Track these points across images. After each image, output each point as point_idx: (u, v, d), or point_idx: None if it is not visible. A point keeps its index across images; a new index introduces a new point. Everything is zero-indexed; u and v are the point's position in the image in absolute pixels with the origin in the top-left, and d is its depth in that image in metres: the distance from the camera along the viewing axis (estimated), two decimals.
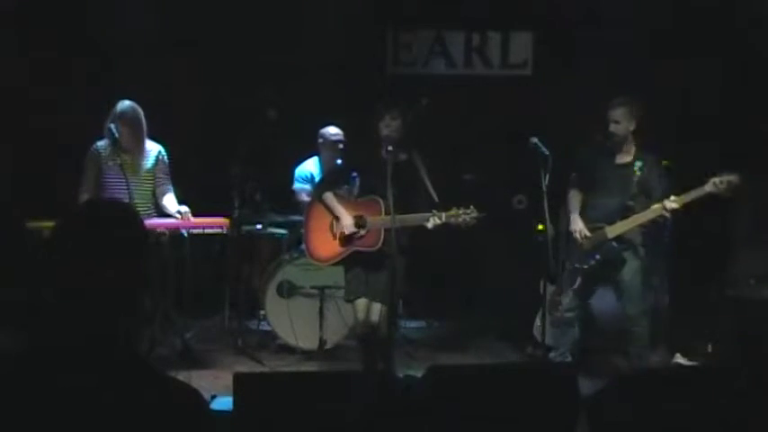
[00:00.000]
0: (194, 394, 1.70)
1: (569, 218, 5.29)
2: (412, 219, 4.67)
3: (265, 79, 6.71)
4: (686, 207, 4.87)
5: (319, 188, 5.05)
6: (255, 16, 6.77)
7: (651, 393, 2.96)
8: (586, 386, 3.34)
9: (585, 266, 5.21)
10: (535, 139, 4.78)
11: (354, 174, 5.05)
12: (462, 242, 6.59)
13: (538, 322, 5.65)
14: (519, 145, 4.89)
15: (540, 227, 4.83)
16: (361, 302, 4.82)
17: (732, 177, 4.75)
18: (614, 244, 5.11)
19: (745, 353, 5.16)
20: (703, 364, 5.53)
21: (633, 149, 5.14)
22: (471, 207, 4.66)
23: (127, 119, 5.12)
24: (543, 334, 4.95)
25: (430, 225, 4.66)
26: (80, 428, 1.57)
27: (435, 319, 6.88)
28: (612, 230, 5.08)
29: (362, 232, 4.76)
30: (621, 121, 5.06)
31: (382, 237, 4.68)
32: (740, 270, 6.09)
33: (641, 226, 5.09)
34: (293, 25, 6.77)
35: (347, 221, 4.78)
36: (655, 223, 5.06)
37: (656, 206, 4.93)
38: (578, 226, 5.21)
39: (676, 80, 6.48)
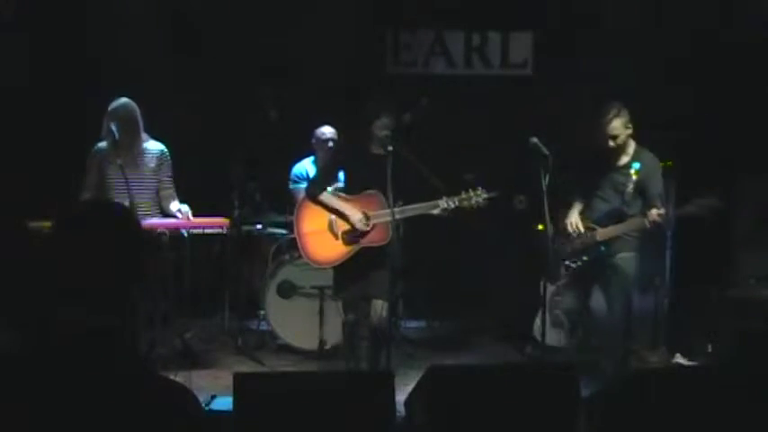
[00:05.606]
0: (189, 396, 1.70)
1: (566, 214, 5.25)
2: (419, 208, 4.59)
3: (265, 79, 6.70)
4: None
5: (311, 189, 4.80)
6: (255, 16, 6.77)
7: (651, 393, 2.96)
8: (586, 386, 3.35)
9: (573, 265, 5.20)
10: (535, 139, 4.75)
11: (339, 172, 4.95)
12: (462, 242, 6.61)
13: (538, 322, 5.64)
14: (519, 145, 4.89)
15: (540, 227, 4.82)
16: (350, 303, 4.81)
17: (713, 201, 4.75)
18: (602, 248, 5.06)
19: (745, 353, 5.15)
20: (703, 364, 5.52)
21: (632, 150, 5.06)
22: (480, 188, 4.63)
23: (119, 117, 5.09)
24: (543, 334, 4.95)
25: (438, 211, 4.59)
26: (77, 428, 1.57)
27: (435, 319, 6.88)
28: (602, 234, 5.03)
29: (368, 228, 4.66)
30: (620, 134, 4.95)
31: (391, 230, 4.61)
32: (740, 270, 6.09)
33: (635, 232, 5.01)
34: (293, 25, 6.77)
35: (357, 216, 4.63)
36: (644, 231, 5.00)
37: (637, 219, 4.88)
38: (572, 218, 5.16)
39: (677, 81, 6.49)
